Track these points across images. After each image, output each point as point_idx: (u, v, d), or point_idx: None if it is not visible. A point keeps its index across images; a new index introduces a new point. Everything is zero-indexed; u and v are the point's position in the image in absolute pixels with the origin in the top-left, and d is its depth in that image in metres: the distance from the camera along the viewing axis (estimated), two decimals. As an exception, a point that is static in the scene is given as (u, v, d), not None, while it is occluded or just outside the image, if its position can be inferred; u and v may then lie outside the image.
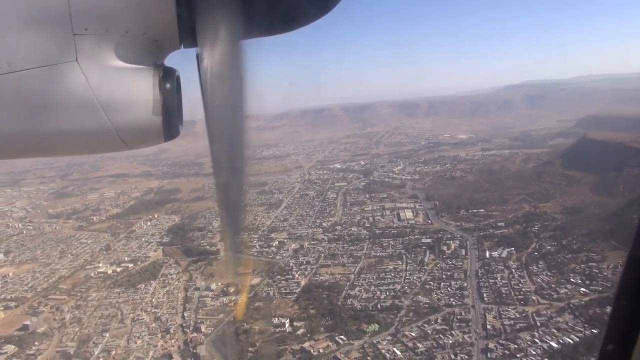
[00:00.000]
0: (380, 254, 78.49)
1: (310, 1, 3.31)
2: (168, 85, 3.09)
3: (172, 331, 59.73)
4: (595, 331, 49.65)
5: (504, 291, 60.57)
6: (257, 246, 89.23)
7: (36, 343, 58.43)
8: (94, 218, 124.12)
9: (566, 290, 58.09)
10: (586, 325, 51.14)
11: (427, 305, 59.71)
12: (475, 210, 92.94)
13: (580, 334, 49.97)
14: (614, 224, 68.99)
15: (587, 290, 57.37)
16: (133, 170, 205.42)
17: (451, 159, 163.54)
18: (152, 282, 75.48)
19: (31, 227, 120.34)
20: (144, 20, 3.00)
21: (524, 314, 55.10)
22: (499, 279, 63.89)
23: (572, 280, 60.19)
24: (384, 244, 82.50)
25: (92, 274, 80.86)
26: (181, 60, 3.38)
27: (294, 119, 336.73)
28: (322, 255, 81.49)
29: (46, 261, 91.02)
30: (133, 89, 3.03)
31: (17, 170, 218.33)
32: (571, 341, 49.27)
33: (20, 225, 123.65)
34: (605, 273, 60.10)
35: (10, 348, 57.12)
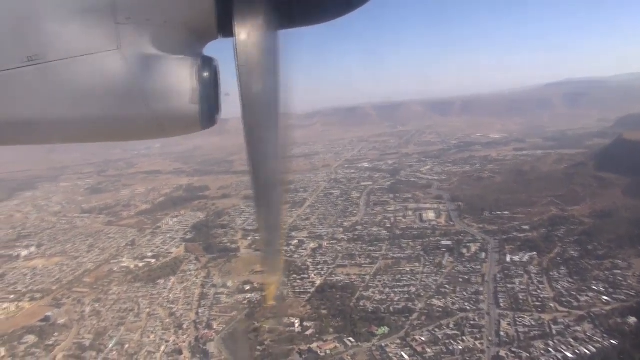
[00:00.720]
0: (399, 256, 77.38)
1: None
2: (206, 75, 3.12)
3: (185, 327, 60.56)
4: (614, 342, 47.48)
5: (521, 297, 58.57)
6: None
7: (55, 334, 60.36)
8: (124, 214, 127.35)
9: (587, 298, 55.67)
10: (605, 336, 48.85)
11: (440, 309, 58.42)
12: (500, 213, 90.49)
13: (599, 345, 47.74)
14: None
15: (609, 299, 54.78)
16: (166, 167, 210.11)
17: (481, 159, 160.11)
18: (171, 277, 76.79)
19: (64, 222, 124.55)
20: (183, 10, 3.07)
21: (540, 322, 53.09)
22: (517, 284, 61.87)
23: (594, 287, 57.65)
24: (403, 245, 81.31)
25: (116, 269, 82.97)
26: (219, 49, 3.44)
27: (325, 118, 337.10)
28: (340, 255, 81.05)
29: (74, 255, 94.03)
30: (172, 77, 3.07)
31: (57, 166, 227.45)
32: (588, 352, 47.09)
33: (54, 219, 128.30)
34: (630, 281, 57.34)
35: (31, 338, 59.17)
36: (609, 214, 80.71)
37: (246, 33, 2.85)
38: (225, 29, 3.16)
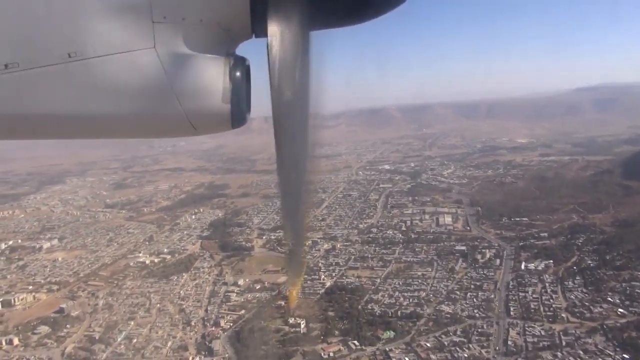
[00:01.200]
0: (411, 259, 76.54)
1: None
2: (238, 74, 3.16)
3: (193, 324, 61.17)
4: (627, 356, 45.88)
5: (533, 306, 57.18)
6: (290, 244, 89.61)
7: (68, 326, 61.74)
8: (145, 209, 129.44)
9: (601, 310, 53.94)
10: (618, 350, 47.23)
11: (449, 316, 57.52)
12: (519, 219, 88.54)
13: (610, 359, 46.19)
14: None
15: (625, 312, 52.95)
16: (190, 164, 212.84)
17: (505, 163, 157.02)
18: (184, 274, 77.62)
19: (87, 216, 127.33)
20: (218, 10, 3.11)
21: (550, 332, 51.70)
22: (530, 292, 60.44)
23: (609, 299, 55.82)
24: (417, 249, 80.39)
25: (132, 263, 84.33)
26: (252, 49, 3.47)
27: (350, 119, 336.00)
28: (353, 257, 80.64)
29: (94, 248, 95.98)
30: (205, 76, 3.11)
31: (86, 162, 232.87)
32: (598, 365, 45.69)
33: (78, 213, 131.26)
34: (647, 294, 55.36)
35: (45, 329, 60.66)
36: (632, 223, 78.05)
37: (279, 33, 2.85)
38: (259, 29, 3.21)
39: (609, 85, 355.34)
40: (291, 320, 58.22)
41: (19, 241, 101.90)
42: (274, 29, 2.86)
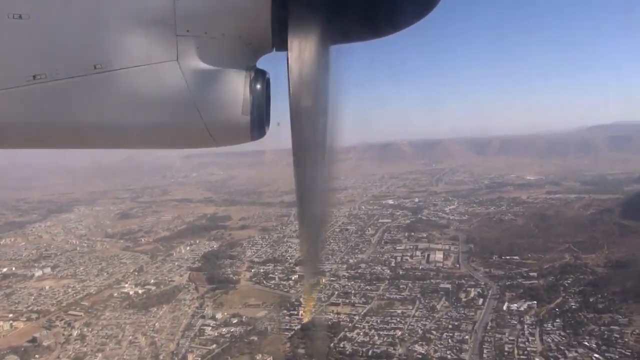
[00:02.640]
0: (394, 297, 74.95)
1: (402, 9, 3.36)
2: (258, 87, 3.21)
3: (161, 357, 60.18)
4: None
5: (507, 349, 54.98)
6: (277, 278, 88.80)
7: (36, 356, 61.34)
8: (143, 240, 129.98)
9: (576, 355, 51.57)
10: (589, 398, 44.83)
11: (419, 357, 55.60)
12: (509, 257, 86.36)
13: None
14: (654, 283, 60.97)
15: (600, 357, 50.50)
16: (197, 195, 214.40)
17: (510, 200, 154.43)
18: (164, 306, 77.00)
19: (85, 245, 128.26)
20: (240, 23, 3.16)
21: (520, 377, 49.50)
22: (507, 334, 58.26)
23: (585, 343, 53.38)
24: (402, 286, 78.74)
25: (115, 294, 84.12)
26: (272, 62, 3.52)
27: (360, 153, 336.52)
28: (336, 292, 79.22)
29: (83, 277, 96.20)
30: (226, 88, 3.16)
31: (97, 191, 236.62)
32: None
33: (77, 242, 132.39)
34: (626, 339, 52.77)
35: (13, 358, 60.27)
36: (624, 264, 75.50)
37: (300, 47, 2.88)
38: (279, 43, 3.25)
39: (624, 123, 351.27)
40: (258, 358, 56.89)
41: (13, 269, 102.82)
42: (294, 42, 2.89)
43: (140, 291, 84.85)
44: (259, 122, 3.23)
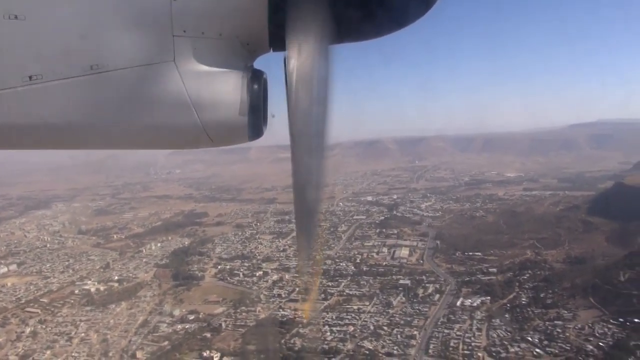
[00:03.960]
0: (354, 293, 74.95)
1: (399, 9, 3.34)
2: (255, 87, 3.20)
3: (110, 354, 59.77)
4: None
5: (453, 344, 55.15)
6: (241, 275, 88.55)
7: (-15, 353, 60.61)
8: (115, 236, 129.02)
9: (517, 349, 51.81)
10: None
11: (367, 352, 55.66)
12: (472, 253, 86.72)
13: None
14: (604, 279, 61.41)
15: (541, 352, 50.81)
16: (178, 192, 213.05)
17: (486, 197, 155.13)
18: (123, 303, 76.45)
19: (57, 242, 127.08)
20: (237, 24, 3.12)
21: (461, 372, 49.69)
22: (455, 330, 58.46)
23: (528, 338, 53.66)
24: (362, 283, 78.76)
25: (77, 291, 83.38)
26: (270, 63, 3.50)
27: (345, 150, 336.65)
28: (297, 289, 79.01)
29: (47, 274, 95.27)
30: (223, 89, 3.14)
31: (78, 187, 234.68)
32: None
33: (49, 238, 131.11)
34: (568, 334, 53.12)
35: (-38, 356, 59.62)
36: (582, 260, 76.19)
37: (297, 47, 2.85)
38: (277, 43, 3.24)
39: (606, 121, 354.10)
40: (206, 354, 56.68)
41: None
42: (291, 42, 2.87)
43: (102, 288, 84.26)
44: (257, 122, 3.24)
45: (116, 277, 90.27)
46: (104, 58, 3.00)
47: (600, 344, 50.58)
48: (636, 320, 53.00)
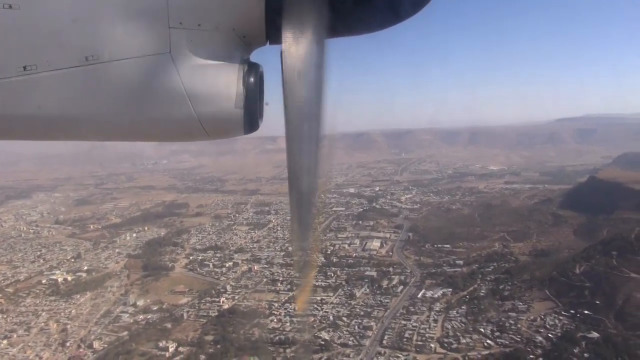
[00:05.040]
0: (319, 284, 74.86)
1: (398, 3, 3.32)
2: (252, 80, 3.14)
3: (67, 344, 59.54)
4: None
5: (407, 335, 55.40)
6: (211, 265, 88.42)
7: (-58, 343, 60.16)
8: (91, 226, 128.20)
9: (469, 341, 52.14)
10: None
11: (323, 343, 55.80)
12: (441, 246, 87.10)
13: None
14: (561, 271, 61.88)
15: (492, 343, 51.17)
16: (162, 182, 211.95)
17: (466, 190, 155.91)
18: (88, 293, 76.14)
19: (32, 231, 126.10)
20: (234, 16, 3.08)
21: (411, 363, 49.93)
22: (412, 321, 58.72)
23: (481, 329, 54.03)
24: (330, 274, 78.88)
25: (44, 281, 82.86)
26: (266, 56, 3.46)
27: (332, 142, 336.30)
28: (264, 280, 79.16)
29: (17, 264, 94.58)
30: (218, 82, 3.10)
31: (62, 177, 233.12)
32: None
33: (25, 228, 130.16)
34: (520, 326, 53.52)
35: None
36: (548, 252, 76.74)
37: (294, 41, 2.83)
38: (274, 36, 3.20)
39: (592, 116, 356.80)
40: (161, 344, 56.60)
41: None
42: (288, 36, 2.84)
43: (69, 278, 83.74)
44: (252, 115, 3.19)
45: (85, 268, 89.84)
46: (99, 49, 2.97)
47: (550, 335, 51.07)
48: (586, 312, 53.67)
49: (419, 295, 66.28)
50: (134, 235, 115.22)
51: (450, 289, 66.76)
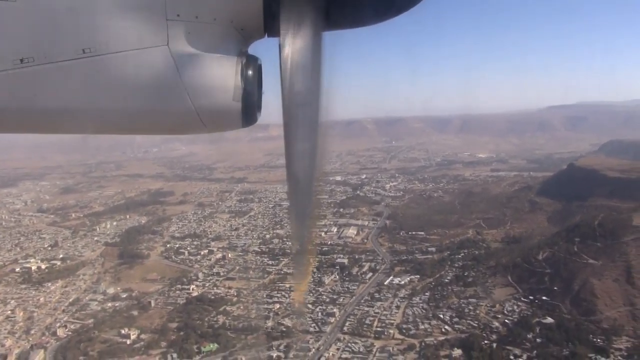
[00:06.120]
0: (291, 271, 74.99)
1: None
2: (250, 73, 3.11)
3: (32, 332, 59.59)
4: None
5: (368, 321, 55.62)
6: (186, 253, 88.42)
7: None
8: (73, 215, 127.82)
9: (427, 327, 52.38)
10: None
11: (284, 329, 55.99)
12: (415, 233, 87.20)
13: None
14: (525, 257, 62.05)
15: (449, 329, 51.43)
16: (150, 171, 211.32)
17: (451, 178, 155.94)
18: (59, 281, 76.09)
19: (13, 220, 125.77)
20: (232, 8, 3.07)
21: (369, 348, 50.18)
22: (375, 307, 58.93)
23: (440, 316, 54.27)
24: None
25: (18, 269, 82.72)
26: (264, 48, 3.44)
27: (327, 132, 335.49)
28: (237, 267, 79.26)
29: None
30: (216, 74, 3.07)
31: (51, 166, 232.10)
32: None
33: (7, 216, 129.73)
34: (478, 312, 53.79)
35: None
36: (519, 239, 76.94)
37: (292, 33, 2.83)
38: (272, 29, 3.17)
39: (583, 104, 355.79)
40: (124, 331, 56.70)
41: None
42: (286, 28, 2.83)
43: (43, 266, 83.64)
44: (250, 108, 3.16)
45: (61, 256, 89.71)
46: (96, 42, 2.93)
47: (506, 320, 51.35)
48: (544, 297, 53.93)
49: (386, 282, 66.45)
50: (114, 223, 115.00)
51: (418, 276, 66.93)
